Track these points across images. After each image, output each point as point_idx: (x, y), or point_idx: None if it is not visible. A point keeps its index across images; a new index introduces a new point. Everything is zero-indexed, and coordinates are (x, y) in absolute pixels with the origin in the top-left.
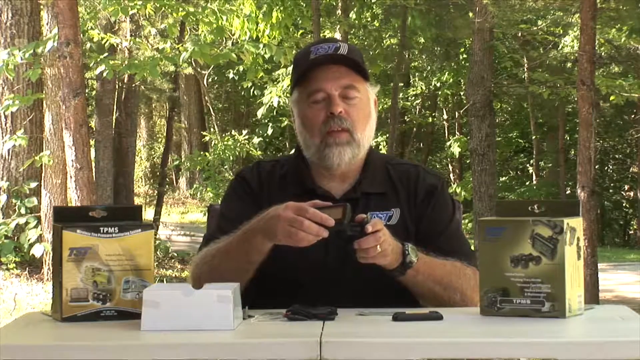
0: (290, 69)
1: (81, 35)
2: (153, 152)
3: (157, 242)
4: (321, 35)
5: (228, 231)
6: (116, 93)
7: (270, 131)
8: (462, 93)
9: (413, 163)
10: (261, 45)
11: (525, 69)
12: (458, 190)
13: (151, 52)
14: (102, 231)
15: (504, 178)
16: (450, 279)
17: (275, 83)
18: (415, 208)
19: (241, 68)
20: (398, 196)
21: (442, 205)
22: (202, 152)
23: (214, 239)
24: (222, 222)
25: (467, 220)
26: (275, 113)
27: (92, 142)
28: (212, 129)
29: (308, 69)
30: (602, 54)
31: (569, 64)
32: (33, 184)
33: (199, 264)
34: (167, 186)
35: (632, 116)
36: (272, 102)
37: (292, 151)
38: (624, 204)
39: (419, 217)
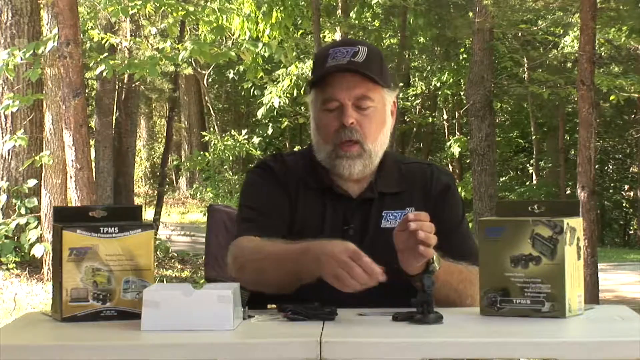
0: (290, 69)
1: (81, 35)
2: (153, 152)
3: (157, 242)
4: (321, 35)
5: (258, 221)
6: (116, 93)
7: (270, 131)
8: (462, 93)
9: (425, 162)
10: (261, 44)
11: (525, 69)
12: (458, 190)
13: (151, 52)
14: (102, 231)
15: (504, 178)
16: (465, 286)
17: (275, 83)
18: (430, 207)
19: (241, 68)
20: (412, 195)
21: (455, 204)
22: (202, 152)
23: (251, 225)
24: (249, 214)
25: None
26: (275, 113)
27: (92, 142)
28: (212, 129)
29: (323, 76)
30: (602, 54)
31: (569, 64)
32: (32, 182)
33: (244, 253)
34: (167, 186)
35: (632, 116)
36: (272, 102)
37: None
38: (624, 204)
39: (433, 215)
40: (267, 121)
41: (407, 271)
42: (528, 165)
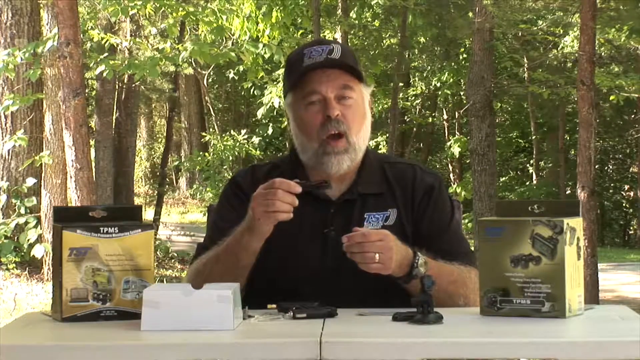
0: None
1: (81, 35)
2: (153, 152)
3: (157, 242)
4: (321, 35)
5: (218, 242)
6: (116, 93)
7: (270, 131)
8: (462, 93)
9: (410, 162)
10: (261, 45)
11: (525, 69)
12: (458, 190)
13: (151, 52)
14: (102, 231)
15: (504, 178)
16: (456, 287)
17: (275, 83)
18: (414, 208)
19: (241, 68)
20: (395, 196)
21: (441, 205)
22: (201, 153)
23: (205, 250)
24: (214, 233)
25: (467, 220)
26: (275, 113)
27: (92, 142)
28: (212, 129)
29: (302, 74)
30: (602, 54)
31: (569, 64)
32: (30, 182)
33: (191, 278)
34: (167, 186)
35: (632, 116)
36: (272, 102)
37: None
38: (624, 204)
39: (418, 217)
40: (267, 121)
41: (392, 274)
42: (528, 165)
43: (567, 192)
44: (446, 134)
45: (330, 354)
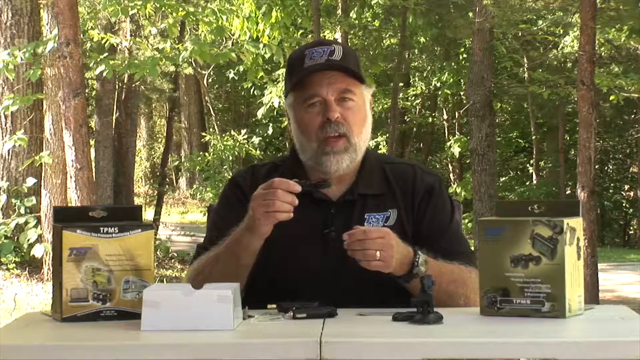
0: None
1: (81, 35)
2: (153, 152)
3: (157, 242)
4: (321, 35)
5: (218, 242)
6: (116, 93)
7: (270, 131)
8: (462, 93)
9: (409, 162)
10: (261, 45)
11: (525, 69)
12: (458, 190)
13: (151, 52)
14: (102, 231)
15: (504, 178)
16: (456, 286)
17: (275, 83)
18: (414, 209)
19: (241, 68)
20: (395, 197)
21: (442, 205)
22: (201, 153)
23: (205, 250)
24: (214, 233)
25: (467, 220)
26: (275, 113)
27: (92, 142)
28: (212, 129)
29: (304, 76)
30: (602, 54)
31: (569, 64)
32: (30, 182)
33: (191, 278)
34: (167, 186)
35: (632, 116)
36: (272, 102)
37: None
38: (624, 204)
39: (418, 218)
40: (267, 121)
41: (393, 273)
42: (528, 165)
43: (567, 192)
44: (446, 134)
45: (330, 354)
